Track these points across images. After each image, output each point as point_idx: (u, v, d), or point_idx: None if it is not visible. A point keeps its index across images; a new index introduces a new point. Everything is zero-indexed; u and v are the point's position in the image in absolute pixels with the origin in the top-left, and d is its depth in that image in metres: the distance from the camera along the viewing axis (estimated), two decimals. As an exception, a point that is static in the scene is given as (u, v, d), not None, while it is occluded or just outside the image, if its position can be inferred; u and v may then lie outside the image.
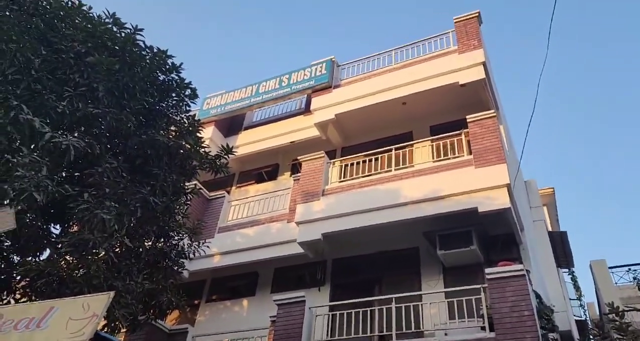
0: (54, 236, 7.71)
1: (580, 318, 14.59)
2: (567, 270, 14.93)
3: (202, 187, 10.96)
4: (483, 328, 7.45)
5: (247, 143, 13.48)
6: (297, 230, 10.21)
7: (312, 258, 10.24)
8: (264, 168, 13.58)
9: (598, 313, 11.70)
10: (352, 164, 10.78)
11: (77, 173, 7.40)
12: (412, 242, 9.81)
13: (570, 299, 14.13)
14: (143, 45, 7.48)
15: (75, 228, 7.94)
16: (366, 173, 10.36)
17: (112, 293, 5.10)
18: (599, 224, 46.16)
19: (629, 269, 10.24)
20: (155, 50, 7.52)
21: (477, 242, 8.88)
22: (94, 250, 6.54)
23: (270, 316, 8.84)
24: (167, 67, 7.67)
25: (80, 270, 6.91)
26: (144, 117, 7.69)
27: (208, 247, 9.36)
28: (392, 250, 10.02)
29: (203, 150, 8.25)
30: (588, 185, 49.98)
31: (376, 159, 10.55)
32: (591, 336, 8.13)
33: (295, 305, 8.65)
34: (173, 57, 7.71)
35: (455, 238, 9.01)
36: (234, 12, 50.86)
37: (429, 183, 9.37)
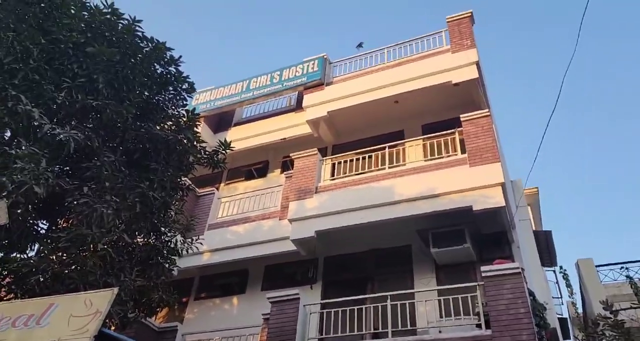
0: (43, 231, 7.49)
1: (560, 316, 14.90)
2: (549, 268, 15.19)
3: (191, 183, 10.80)
4: (478, 326, 7.50)
5: (236, 139, 13.23)
6: (289, 227, 10.14)
7: (304, 255, 10.20)
8: (253, 165, 13.46)
9: (581, 311, 11.96)
10: (345, 161, 10.77)
11: (67, 168, 7.21)
12: (405, 239, 9.85)
13: (552, 297, 14.39)
14: (142, 37, 7.31)
15: (64, 224, 7.74)
16: (359, 171, 10.35)
17: (115, 290, 4.98)
18: (576, 224, 47.25)
19: (622, 267, 10.49)
20: (154, 42, 7.35)
21: (470, 240, 8.98)
22: (92, 246, 6.37)
23: (263, 314, 8.74)
24: (166, 59, 7.52)
25: (74, 267, 6.73)
26: (141, 110, 7.52)
27: (201, 243, 9.24)
28: (384, 247, 10.04)
29: (200, 145, 8.13)
30: (567, 186, 51.09)
31: (369, 157, 10.55)
32: (583, 333, 8.29)
33: (289, 303, 8.56)
34: (172, 49, 7.58)
35: (448, 236, 9.09)
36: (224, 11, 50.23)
37: (423, 182, 9.41)
